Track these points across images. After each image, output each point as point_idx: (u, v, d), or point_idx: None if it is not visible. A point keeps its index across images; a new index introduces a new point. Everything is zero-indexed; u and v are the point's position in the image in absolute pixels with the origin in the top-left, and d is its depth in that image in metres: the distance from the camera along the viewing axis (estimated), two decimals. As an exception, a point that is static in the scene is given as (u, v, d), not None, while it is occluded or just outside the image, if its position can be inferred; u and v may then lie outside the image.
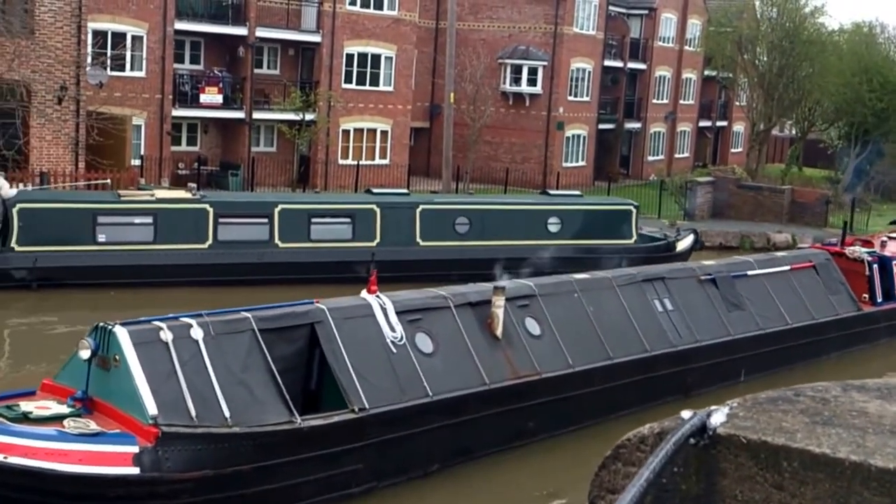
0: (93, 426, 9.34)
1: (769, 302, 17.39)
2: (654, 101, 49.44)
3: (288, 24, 35.19)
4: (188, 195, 22.27)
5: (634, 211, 26.39)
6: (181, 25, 31.82)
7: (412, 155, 39.63)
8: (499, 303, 12.66)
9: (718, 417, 2.67)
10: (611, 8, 44.79)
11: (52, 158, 25.42)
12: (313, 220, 22.39)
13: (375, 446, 10.97)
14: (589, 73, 43.39)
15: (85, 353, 9.89)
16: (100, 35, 29.34)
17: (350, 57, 36.14)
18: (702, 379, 15.31)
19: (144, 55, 30.89)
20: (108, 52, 29.23)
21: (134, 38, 30.67)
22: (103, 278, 19.92)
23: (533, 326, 13.32)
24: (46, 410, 9.66)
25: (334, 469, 10.61)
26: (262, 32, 33.71)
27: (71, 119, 25.91)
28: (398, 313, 11.89)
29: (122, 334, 9.79)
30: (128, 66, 30.16)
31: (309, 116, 33.43)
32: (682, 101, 51.70)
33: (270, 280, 20.75)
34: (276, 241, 21.84)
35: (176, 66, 32.16)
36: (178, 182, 30.28)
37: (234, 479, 9.82)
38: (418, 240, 23.28)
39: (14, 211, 19.82)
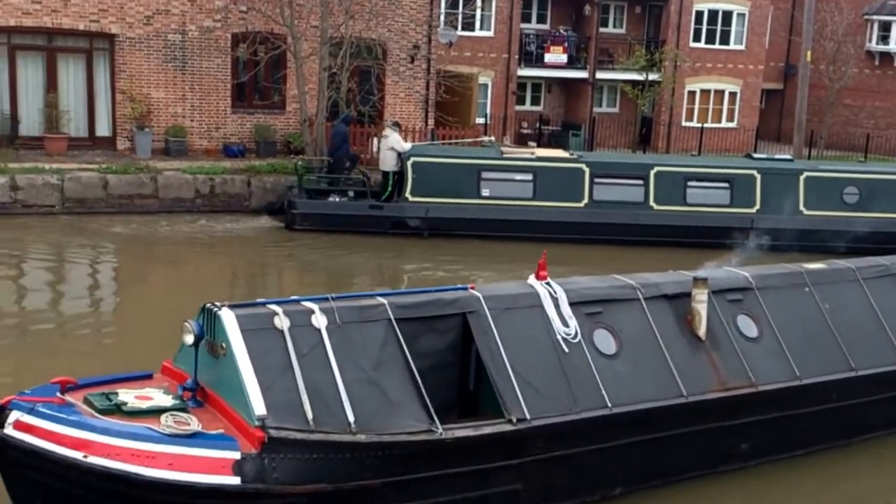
0: (193, 425, 7.90)
1: None
2: None
3: (636, -19, 34.35)
4: (566, 154, 22.84)
5: None
6: (530, -16, 31.97)
7: (761, 118, 37.21)
8: (700, 297, 10.38)
9: None
10: None
11: (403, 115, 26.17)
12: (689, 183, 21.97)
13: (539, 464, 9.14)
14: (978, 27, 38.59)
15: (188, 339, 8.50)
16: (451, -7, 30.14)
17: (700, 14, 34.45)
18: None
19: (493, 15, 31.29)
20: (460, 11, 29.88)
21: (483, -2, 31.23)
22: (485, 230, 20.91)
23: (748, 327, 10.80)
24: (147, 402, 8.25)
25: (483, 489, 8.89)
26: (609, -10, 33.13)
27: (422, 77, 26.60)
28: (573, 304, 9.80)
29: (228, 319, 8.27)
30: (477, 25, 30.75)
31: (653, 76, 32.42)
32: None
33: (644, 241, 20.81)
34: (651, 203, 21.76)
35: (523, 25, 32.20)
36: (519, 141, 30.55)
37: (357, 496, 8.29)
38: (801, 208, 21.88)
39: (409, 164, 21.19)
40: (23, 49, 22.79)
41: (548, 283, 9.90)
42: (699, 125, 33.53)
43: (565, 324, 9.66)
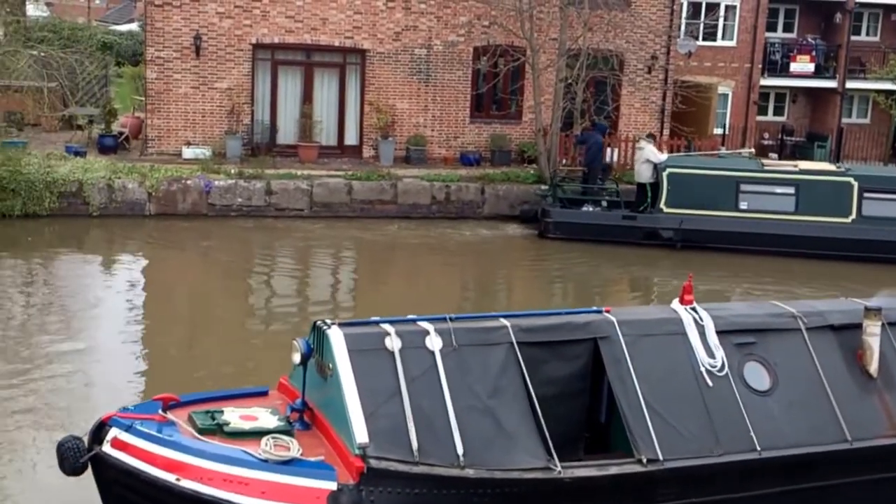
0: (292, 450, 7.43)
1: None
2: None
3: (893, -14, 32.57)
4: (832, 167, 22.11)
5: None
6: (776, -7, 31.05)
7: None
8: (873, 329, 9.13)
9: None
10: None
11: (638, 125, 26.13)
12: None
13: None
14: None
15: (296, 357, 8.12)
16: (692, 5, 29.80)
17: (967, 19, 32.39)
18: None
19: (736, 24, 30.71)
20: (701, 21, 29.56)
21: (727, 7, 30.61)
22: (743, 244, 20.52)
23: None
24: (251, 422, 7.82)
25: None
26: (861, -3, 31.59)
27: (658, 87, 26.52)
28: (721, 333, 8.79)
29: (335, 337, 7.80)
30: (718, 35, 30.30)
31: (909, 86, 30.79)
32: None
33: None
34: None
35: (767, 34, 31.34)
36: (760, 152, 29.75)
37: None
38: None
39: (664, 175, 21.20)
40: (284, 64, 24.78)
41: (693, 309, 8.99)
42: (962, 137, 31.41)
43: (710, 354, 8.70)
